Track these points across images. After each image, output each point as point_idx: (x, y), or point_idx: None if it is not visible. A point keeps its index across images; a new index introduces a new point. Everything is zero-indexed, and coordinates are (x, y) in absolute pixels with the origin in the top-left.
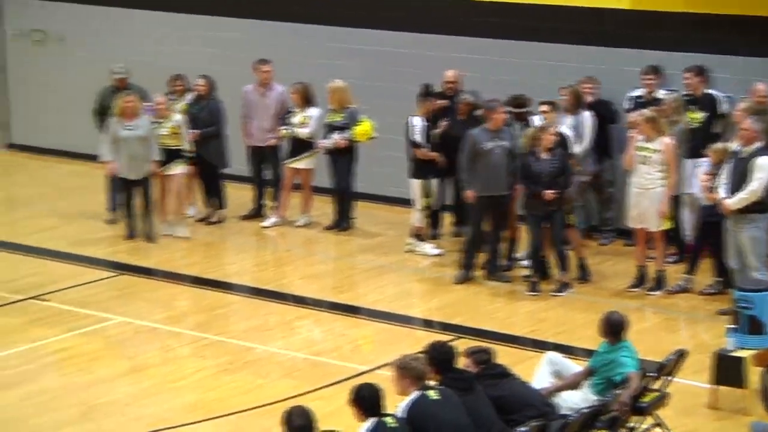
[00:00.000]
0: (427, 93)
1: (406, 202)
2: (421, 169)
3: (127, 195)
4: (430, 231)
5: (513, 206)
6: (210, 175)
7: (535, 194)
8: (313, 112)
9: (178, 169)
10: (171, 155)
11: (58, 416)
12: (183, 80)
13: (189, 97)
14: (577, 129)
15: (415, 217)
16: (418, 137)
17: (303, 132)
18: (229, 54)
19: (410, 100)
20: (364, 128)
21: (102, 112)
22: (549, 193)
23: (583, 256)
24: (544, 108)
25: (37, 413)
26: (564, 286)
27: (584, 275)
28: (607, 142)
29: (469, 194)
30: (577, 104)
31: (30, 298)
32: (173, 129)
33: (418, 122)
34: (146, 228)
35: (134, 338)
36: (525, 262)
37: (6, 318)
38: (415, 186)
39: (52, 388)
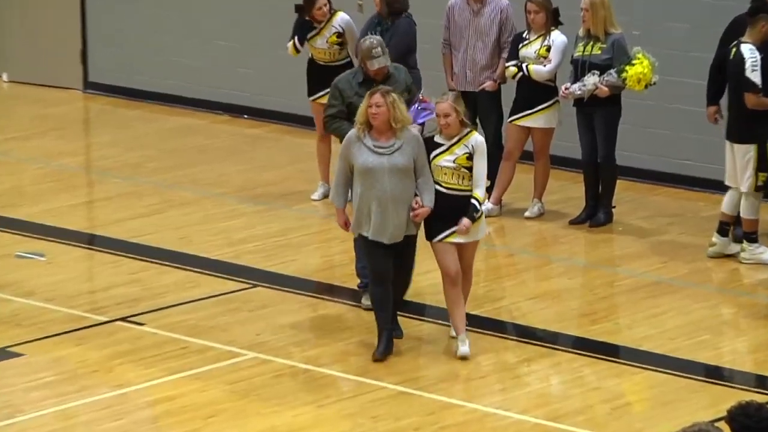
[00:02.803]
0: (760, 9)
1: (696, 183)
2: (757, 125)
3: (379, 272)
4: None
5: None
6: None
7: None
8: (558, 39)
9: (479, 232)
10: (459, 205)
11: None
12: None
13: (338, 20)
14: None
15: (746, 205)
16: (755, 77)
17: (541, 70)
18: None
19: (708, 26)
20: (640, 69)
21: (343, 119)
22: None
23: None
24: None
25: None
26: None
27: None
28: None
29: None
30: None
31: (118, 319)
32: (462, 160)
33: (751, 53)
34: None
35: (274, 385)
36: None
37: (83, 349)
38: (746, 154)
39: None
